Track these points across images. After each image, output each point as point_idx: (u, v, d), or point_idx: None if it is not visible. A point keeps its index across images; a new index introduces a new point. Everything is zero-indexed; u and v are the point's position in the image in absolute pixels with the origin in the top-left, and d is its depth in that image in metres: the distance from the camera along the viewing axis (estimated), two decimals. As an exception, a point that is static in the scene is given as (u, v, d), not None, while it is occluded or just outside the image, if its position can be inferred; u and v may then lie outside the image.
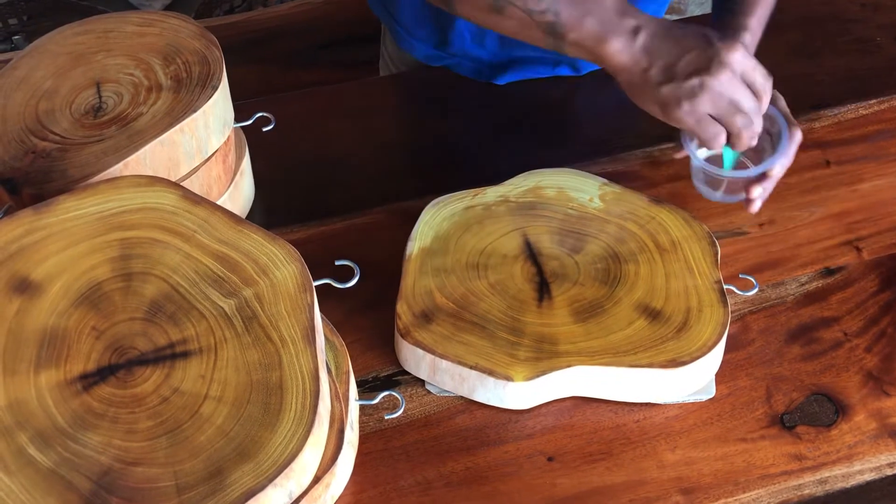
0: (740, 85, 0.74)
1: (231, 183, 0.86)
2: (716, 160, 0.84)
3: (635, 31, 0.74)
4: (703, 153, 0.86)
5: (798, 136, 0.83)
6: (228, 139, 0.84)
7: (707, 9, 1.31)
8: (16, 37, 1.78)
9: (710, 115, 0.75)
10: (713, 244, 0.83)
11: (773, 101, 0.83)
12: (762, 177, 0.83)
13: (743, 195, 0.85)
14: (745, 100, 0.75)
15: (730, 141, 0.77)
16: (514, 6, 0.76)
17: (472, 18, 0.81)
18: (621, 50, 0.74)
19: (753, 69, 0.75)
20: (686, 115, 0.75)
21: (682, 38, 0.74)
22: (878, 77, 1.05)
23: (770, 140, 0.84)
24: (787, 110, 0.84)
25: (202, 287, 0.63)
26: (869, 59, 1.08)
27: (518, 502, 0.71)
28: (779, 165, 0.82)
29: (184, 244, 0.65)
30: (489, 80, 1.05)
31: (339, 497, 0.70)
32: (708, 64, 0.73)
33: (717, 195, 0.87)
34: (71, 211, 0.66)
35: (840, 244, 0.88)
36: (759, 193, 0.83)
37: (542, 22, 0.76)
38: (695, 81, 0.73)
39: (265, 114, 0.88)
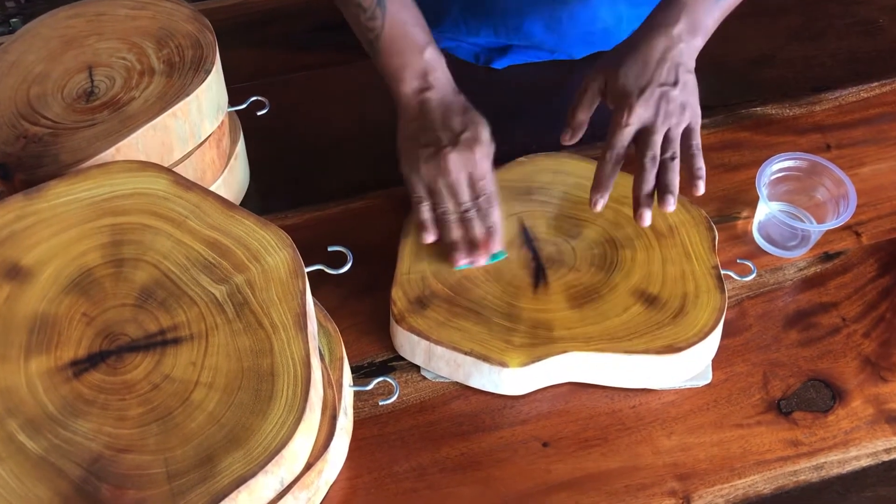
0: (458, 175, 0.78)
1: (225, 167, 0.86)
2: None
3: (423, 90, 0.81)
4: (776, 205, 0.87)
5: None
6: (222, 123, 0.84)
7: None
8: (13, 19, 1.77)
9: (424, 185, 0.80)
10: (711, 229, 0.82)
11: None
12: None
13: (798, 252, 0.85)
14: (457, 190, 0.79)
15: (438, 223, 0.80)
16: (351, 7, 0.83)
17: None
18: (405, 96, 0.82)
19: (481, 176, 0.79)
20: (405, 168, 0.81)
21: (449, 115, 0.80)
22: (881, 59, 1.04)
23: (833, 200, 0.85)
24: None
25: (193, 273, 0.62)
26: (871, 42, 1.07)
27: (513, 488, 0.71)
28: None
29: (175, 230, 0.64)
30: (487, 64, 1.04)
31: (334, 483, 0.70)
32: (445, 144, 0.78)
33: (780, 250, 0.86)
34: (62, 196, 0.66)
35: (839, 229, 0.87)
36: None
37: (365, 33, 0.83)
38: (426, 151, 0.79)
39: (259, 97, 0.88)
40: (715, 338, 0.76)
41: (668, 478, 0.72)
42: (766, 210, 0.84)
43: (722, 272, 0.79)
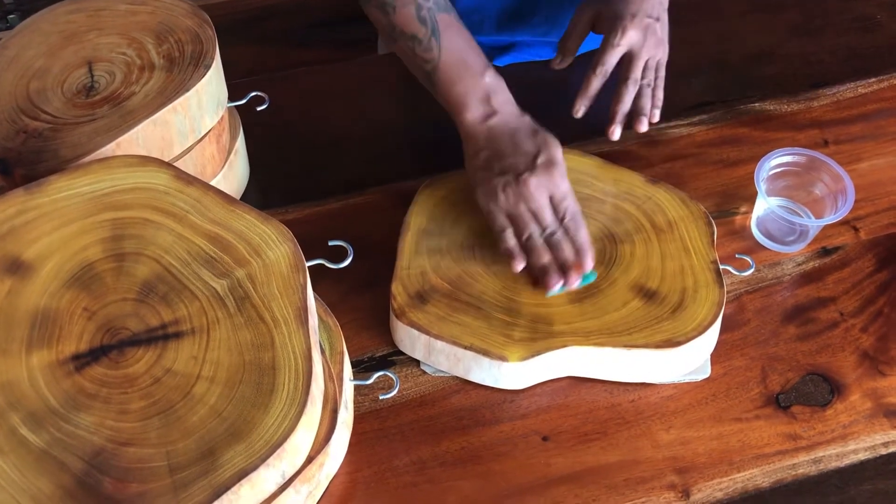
0: (540, 200, 0.77)
1: (225, 163, 0.86)
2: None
3: (488, 116, 0.80)
4: (774, 201, 0.87)
5: None
6: (222, 119, 0.84)
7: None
8: (11, 15, 1.77)
9: (505, 213, 0.78)
10: (710, 224, 0.82)
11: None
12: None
13: (796, 247, 0.86)
14: (541, 214, 0.77)
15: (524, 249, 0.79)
16: (404, 41, 0.82)
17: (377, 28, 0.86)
18: (471, 124, 0.80)
19: (563, 197, 0.78)
20: (482, 199, 0.80)
21: (520, 139, 0.79)
22: (879, 55, 1.04)
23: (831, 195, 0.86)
24: None
25: (194, 267, 0.62)
26: (869, 38, 1.07)
27: (513, 482, 0.71)
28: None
29: (176, 224, 0.64)
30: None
31: (334, 476, 0.71)
32: (523, 170, 0.77)
33: (778, 245, 0.86)
34: (63, 191, 0.66)
35: (837, 224, 0.87)
36: None
37: (422, 66, 0.81)
38: (503, 179, 0.78)
39: (259, 93, 0.88)
40: (714, 332, 0.77)
41: (667, 471, 0.72)
42: (765, 205, 0.85)
43: (721, 267, 0.79)
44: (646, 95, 0.88)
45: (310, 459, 0.62)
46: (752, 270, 0.82)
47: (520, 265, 0.77)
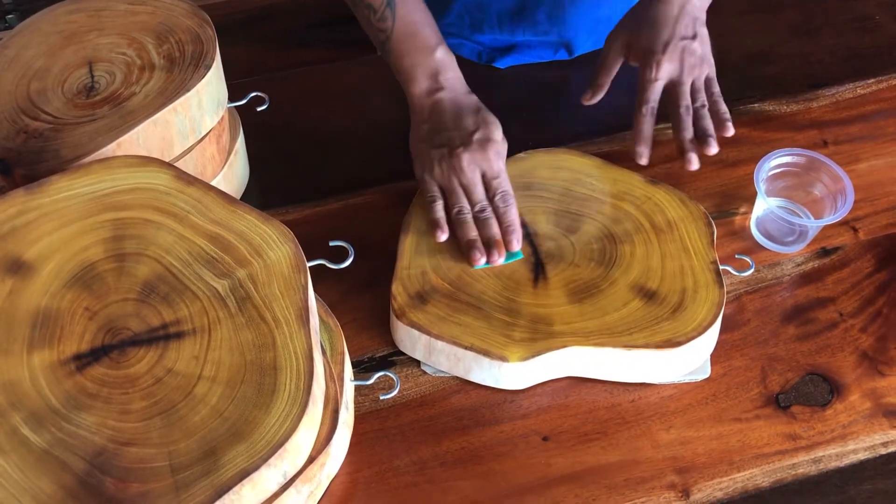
0: (472, 175, 0.80)
1: (225, 163, 0.86)
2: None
3: (435, 90, 0.82)
4: (774, 201, 0.87)
5: None
6: (222, 119, 0.84)
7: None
8: (10, 16, 1.76)
9: (438, 185, 0.81)
10: (709, 224, 0.83)
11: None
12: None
13: (795, 247, 0.86)
14: (472, 189, 0.80)
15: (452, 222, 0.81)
16: (361, 9, 0.83)
17: None
18: (417, 97, 0.83)
19: (495, 175, 0.80)
20: (418, 169, 0.83)
21: (461, 115, 0.81)
22: (878, 56, 1.05)
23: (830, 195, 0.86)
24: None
25: (195, 268, 0.62)
26: (869, 38, 1.07)
27: (513, 482, 0.72)
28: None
29: (177, 225, 0.64)
30: (490, 63, 1.04)
31: (335, 476, 0.71)
32: (458, 144, 0.80)
33: (777, 245, 0.86)
34: (63, 191, 0.66)
35: (836, 224, 0.87)
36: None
37: (377, 34, 0.84)
38: (439, 151, 0.80)
39: (259, 93, 0.88)
40: (713, 332, 0.77)
41: (667, 471, 0.72)
42: (764, 206, 0.85)
43: (720, 267, 0.80)
44: (704, 117, 0.85)
45: (311, 459, 0.62)
46: (751, 271, 0.82)
47: (442, 236, 0.80)
